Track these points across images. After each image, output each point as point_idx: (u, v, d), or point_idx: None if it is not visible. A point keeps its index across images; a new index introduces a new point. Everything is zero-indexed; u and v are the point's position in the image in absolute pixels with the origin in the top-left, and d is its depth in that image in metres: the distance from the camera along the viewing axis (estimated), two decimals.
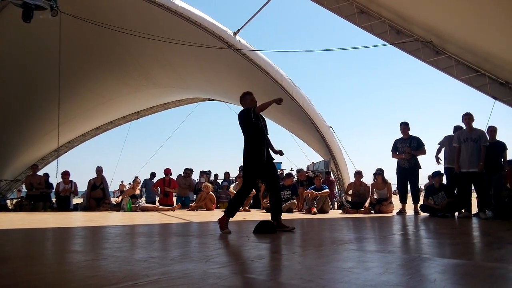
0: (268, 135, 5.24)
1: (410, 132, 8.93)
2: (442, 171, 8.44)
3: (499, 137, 7.99)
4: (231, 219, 4.95)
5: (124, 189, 21.18)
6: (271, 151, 5.19)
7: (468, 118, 7.53)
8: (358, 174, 9.94)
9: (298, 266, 2.75)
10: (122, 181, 24.70)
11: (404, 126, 8.90)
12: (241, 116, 5.16)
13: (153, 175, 13.39)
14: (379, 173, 9.44)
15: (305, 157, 17.13)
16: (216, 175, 14.20)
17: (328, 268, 2.69)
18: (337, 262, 2.94)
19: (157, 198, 11.88)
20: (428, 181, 10.76)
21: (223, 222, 4.83)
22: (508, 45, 8.10)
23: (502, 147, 7.85)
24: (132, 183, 11.62)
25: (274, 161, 5.20)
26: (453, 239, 4.51)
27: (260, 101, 5.25)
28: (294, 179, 11.39)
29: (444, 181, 8.39)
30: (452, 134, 8.33)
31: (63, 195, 11.33)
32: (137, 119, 18.72)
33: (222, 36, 10.77)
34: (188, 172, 12.69)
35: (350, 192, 9.85)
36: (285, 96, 11.75)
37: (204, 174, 13.06)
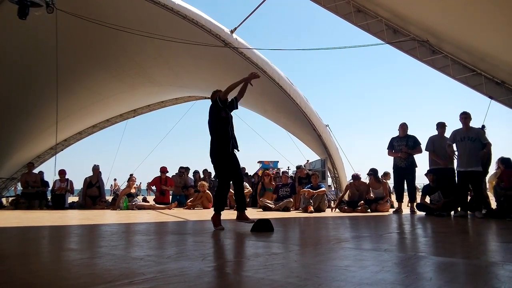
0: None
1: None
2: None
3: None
4: (231, 217, 4.99)
5: (117, 188, 21.13)
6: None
7: (465, 117, 7.52)
8: (357, 179, 9.83)
9: (294, 265, 2.76)
10: (115, 179, 24.62)
11: (405, 126, 8.93)
12: (210, 109, 5.22)
13: (187, 170, 13.22)
14: (371, 173, 9.47)
15: (302, 155, 17.16)
16: (210, 173, 14.14)
17: (324, 266, 2.69)
18: (333, 260, 2.94)
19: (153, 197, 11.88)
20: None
21: (215, 220, 5.01)
22: (504, 45, 8.14)
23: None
24: (127, 182, 11.58)
25: (237, 153, 5.30)
26: (449, 238, 4.53)
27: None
28: (290, 178, 11.44)
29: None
30: (436, 134, 8.37)
31: (58, 193, 11.31)
32: (133, 117, 18.68)
33: (219, 34, 10.75)
34: (183, 170, 12.63)
35: (348, 194, 9.84)
36: (282, 95, 11.77)
37: (206, 172, 13.05)
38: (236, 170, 5.29)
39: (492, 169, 8.16)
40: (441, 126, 8.39)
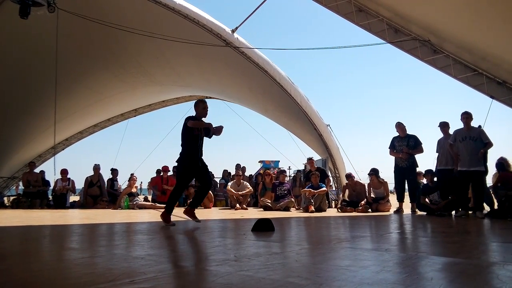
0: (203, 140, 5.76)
1: (407, 131, 8.96)
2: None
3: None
4: (232, 216, 5.00)
5: (118, 188, 21.10)
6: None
7: (466, 117, 7.52)
8: (350, 177, 9.96)
9: (295, 264, 2.76)
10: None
11: (402, 126, 8.93)
12: (185, 123, 5.63)
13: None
14: (372, 173, 9.47)
15: (303, 155, 17.19)
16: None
17: (325, 266, 2.69)
18: (334, 260, 2.94)
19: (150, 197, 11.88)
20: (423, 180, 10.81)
21: (165, 217, 5.48)
22: (505, 44, 8.12)
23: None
24: (128, 181, 11.59)
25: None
26: (450, 238, 4.53)
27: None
28: (287, 178, 11.47)
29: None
30: (443, 136, 8.37)
31: (60, 193, 11.34)
32: (134, 116, 18.68)
33: (220, 34, 10.75)
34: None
35: (347, 193, 9.87)
36: (283, 95, 11.77)
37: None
38: (205, 177, 5.77)
39: (493, 169, 8.16)
40: (443, 126, 8.35)
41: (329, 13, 9.84)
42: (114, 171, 12.53)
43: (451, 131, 8.01)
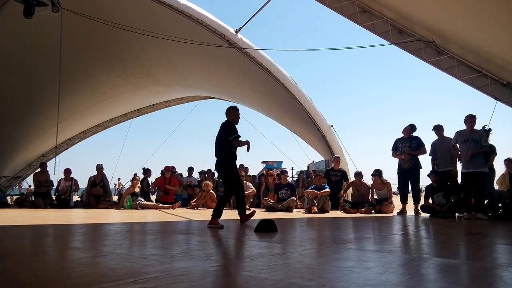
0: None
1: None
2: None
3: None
4: (234, 217, 5.06)
5: (121, 187, 21.15)
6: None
7: (471, 120, 7.54)
8: (359, 175, 9.95)
9: (298, 265, 2.75)
10: (119, 178, 24.62)
11: (410, 128, 8.91)
12: (225, 127, 5.79)
13: (191, 170, 13.09)
14: (376, 174, 9.44)
15: (306, 156, 17.16)
16: (214, 173, 13.95)
17: (328, 267, 2.68)
18: (337, 261, 2.93)
19: (153, 197, 11.90)
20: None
21: (214, 222, 5.26)
22: (510, 46, 8.09)
23: (491, 149, 7.87)
24: (131, 181, 11.60)
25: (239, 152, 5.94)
26: (453, 240, 4.51)
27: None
28: (290, 178, 11.41)
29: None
30: (437, 138, 8.37)
31: (63, 193, 11.37)
32: (138, 116, 18.72)
33: (224, 34, 10.76)
34: (175, 170, 12.50)
35: (350, 190, 9.84)
36: (286, 95, 11.77)
37: (204, 173, 12.89)
38: (237, 179, 5.89)
39: (500, 171, 8.16)
40: (438, 128, 8.44)
41: (333, 14, 9.87)
42: (148, 171, 12.50)
43: (447, 134, 8.08)
